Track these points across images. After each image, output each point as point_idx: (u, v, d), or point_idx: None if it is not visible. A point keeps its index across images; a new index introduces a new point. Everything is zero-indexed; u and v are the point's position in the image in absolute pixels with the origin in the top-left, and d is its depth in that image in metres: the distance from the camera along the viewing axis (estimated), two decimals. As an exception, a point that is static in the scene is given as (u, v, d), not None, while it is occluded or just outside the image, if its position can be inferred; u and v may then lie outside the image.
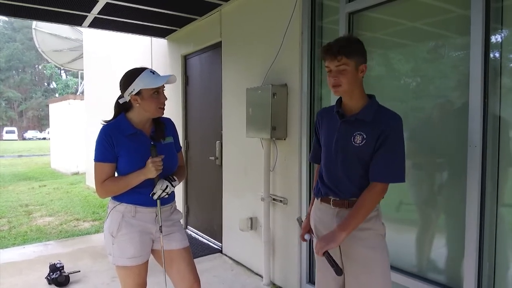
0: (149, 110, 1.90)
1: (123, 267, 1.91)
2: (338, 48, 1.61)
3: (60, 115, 11.99)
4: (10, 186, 9.14)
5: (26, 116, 48.23)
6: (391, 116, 1.67)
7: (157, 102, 1.89)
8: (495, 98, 1.87)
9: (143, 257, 1.93)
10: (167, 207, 2.00)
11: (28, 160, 16.70)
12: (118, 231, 1.89)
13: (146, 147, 1.88)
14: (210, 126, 4.28)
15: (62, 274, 3.25)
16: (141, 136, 1.91)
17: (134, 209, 1.90)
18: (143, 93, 1.86)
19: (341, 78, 1.63)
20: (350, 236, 1.65)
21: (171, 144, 2.04)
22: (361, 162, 1.67)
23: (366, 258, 1.68)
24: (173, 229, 2.02)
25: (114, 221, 1.90)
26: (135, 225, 1.90)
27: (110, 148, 1.85)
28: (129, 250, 1.88)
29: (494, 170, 1.87)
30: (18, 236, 4.94)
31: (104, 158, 1.86)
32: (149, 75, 1.87)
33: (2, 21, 46.95)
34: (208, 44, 4.16)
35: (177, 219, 2.07)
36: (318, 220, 1.84)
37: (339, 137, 1.72)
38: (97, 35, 7.79)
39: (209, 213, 4.41)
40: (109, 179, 1.87)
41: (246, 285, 3.30)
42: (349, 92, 1.68)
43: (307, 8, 2.86)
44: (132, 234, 1.89)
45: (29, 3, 3.56)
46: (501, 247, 1.88)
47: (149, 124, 1.97)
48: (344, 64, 1.61)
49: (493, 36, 1.87)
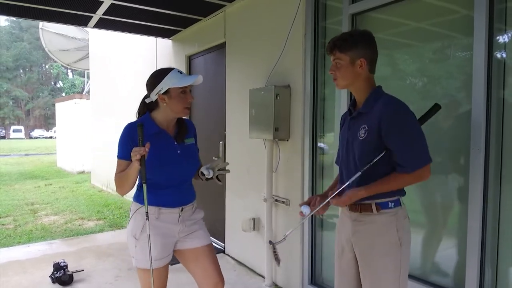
0: (175, 109, 1.91)
1: (144, 270, 1.90)
2: (332, 44, 1.66)
3: (67, 114, 12.08)
4: (16, 185, 9.22)
5: (33, 115, 48.61)
6: (388, 101, 1.61)
7: (184, 102, 1.90)
8: (498, 100, 1.85)
9: (165, 260, 1.93)
10: (189, 206, 2.01)
11: (35, 158, 16.83)
12: (141, 233, 1.88)
13: (170, 147, 1.89)
14: (213, 126, 4.29)
15: (66, 273, 3.28)
16: (165, 136, 1.92)
17: (158, 211, 1.90)
18: (171, 92, 1.87)
19: (336, 72, 1.67)
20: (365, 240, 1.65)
21: (193, 145, 2.05)
22: (372, 155, 1.60)
23: (376, 265, 1.64)
24: (195, 227, 2.03)
25: (138, 223, 1.89)
26: (158, 227, 1.90)
27: (131, 146, 1.82)
28: (153, 253, 1.86)
29: (497, 173, 1.86)
30: (23, 234, 4.99)
31: (123, 156, 1.87)
32: (177, 75, 1.89)
33: (10, 21, 47.34)
34: (212, 44, 4.17)
35: (199, 218, 2.08)
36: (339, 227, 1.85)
37: (349, 135, 1.71)
38: (103, 35, 7.84)
39: (212, 213, 4.41)
40: (118, 174, 1.88)
41: (248, 285, 3.30)
42: (350, 86, 1.69)
43: (311, 9, 2.86)
44: (155, 237, 1.87)
45: (36, 4, 3.59)
46: (504, 250, 1.86)
47: (173, 124, 1.98)
48: (338, 58, 1.65)
49: (496, 37, 1.85)
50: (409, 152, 1.56)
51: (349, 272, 1.78)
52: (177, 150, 1.94)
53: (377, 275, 1.64)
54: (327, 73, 2.86)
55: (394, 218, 1.64)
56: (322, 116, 2.92)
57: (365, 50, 1.65)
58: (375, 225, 1.65)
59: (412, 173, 1.57)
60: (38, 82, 48.53)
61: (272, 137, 3.01)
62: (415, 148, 1.56)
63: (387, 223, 1.64)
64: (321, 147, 2.94)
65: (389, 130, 1.56)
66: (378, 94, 1.67)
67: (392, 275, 1.63)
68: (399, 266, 1.63)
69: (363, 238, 1.67)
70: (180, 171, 1.95)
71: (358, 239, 1.69)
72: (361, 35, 1.67)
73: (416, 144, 1.56)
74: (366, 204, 1.65)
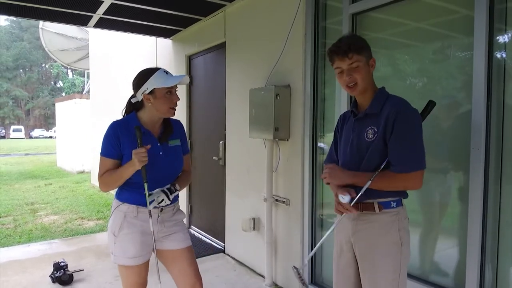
0: (161, 110, 1.91)
1: (124, 266, 1.93)
2: (348, 46, 1.60)
3: (66, 114, 12.08)
4: (16, 184, 9.22)
5: (33, 114, 48.60)
6: (396, 102, 1.62)
7: (169, 102, 1.90)
8: (498, 100, 1.85)
9: (144, 257, 1.94)
10: (170, 207, 2.01)
11: (35, 158, 16.82)
12: (120, 230, 1.91)
13: (153, 147, 1.88)
14: (213, 126, 4.29)
15: (66, 273, 3.28)
16: (149, 136, 1.92)
17: (136, 209, 1.91)
18: (156, 92, 1.87)
19: (355, 75, 1.62)
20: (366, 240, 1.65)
21: (178, 147, 2.03)
22: (380, 157, 1.61)
23: (377, 265, 1.64)
24: (175, 229, 2.03)
25: (117, 221, 1.92)
26: (137, 225, 1.92)
27: (116, 144, 1.87)
28: (130, 250, 1.90)
29: (497, 173, 1.86)
30: (23, 234, 4.99)
31: (107, 153, 1.89)
32: (162, 75, 1.89)
33: (10, 21, 47.34)
34: (213, 44, 4.17)
35: (179, 219, 2.08)
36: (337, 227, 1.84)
37: (354, 137, 1.70)
38: (103, 35, 7.83)
39: (212, 213, 4.42)
40: (107, 172, 1.89)
41: (248, 285, 3.30)
42: (365, 89, 1.66)
43: (311, 9, 2.85)
44: (134, 234, 1.90)
45: (36, 4, 3.59)
46: (504, 250, 1.86)
47: (159, 125, 1.98)
48: (357, 61, 1.60)
49: (497, 37, 1.85)
50: (408, 153, 1.57)
51: (347, 272, 1.78)
52: (159, 151, 1.93)
53: (378, 275, 1.64)
54: (327, 73, 2.86)
55: (396, 218, 1.64)
56: (322, 116, 2.92)
57: (370, 50, 1.67)
58: (376, 224, 1.65)
59: (405, 174, 1.57)
60: (38, 82, 48.52)
61: (272, 137, 3.01)
62: (415, 151, 1.57)
63: (389, 223, 1.64)
64: (321, 147, 2.94)
65: (394, 128, 1.56)
66: (384, 95, 1.67)
67: (392, 275, 1.63)
68: (399, 266, 1.63)
69: (364, 237, 1.67)
70: (161, 173, 1.93)
71: (358, 239, 1.69)
72: (362, 37, 1.69)
73: (417, 148, 1.57)
74: (368, 203, 1.65)
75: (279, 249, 3.24)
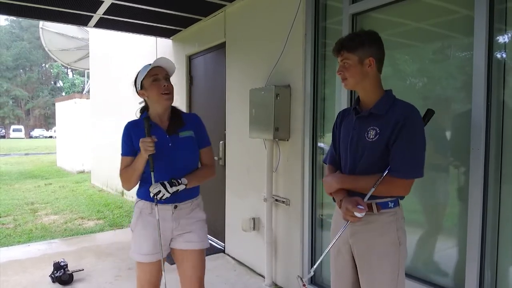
0: (154, 99, 1.93)
1: (137, 263, 1.95)
2: (340, 45, 1.67)
3: (67, 114, 12.08)
4: (16, 184, 9.22)
5: (33, 114, 48.60)
6: (405, 107, 1.63)
7: (158, 88, 1.91)
8: (498, 100, 1.85)
9: (157, 256, 1.92)
10: (186, 204, 1.96)
11: (35, 158, 16.82)
12: (136, 226, 1.95)
13: (161, 139, 1.88)
14: (213, 126, 4.28)
15: (66, 273, 3.28)
16: (157, 128, 1.93)
17: (151, 206, 1.91)
18: (144, 85, 1.92)
19: (345, 72, 1.67)
20: (365, 241, 1.65)
21: (190, 138, 1.98)
22: (378, 158, 1.61)
23: (376, 266, 1.64)
24: (191, 228, 1.97)
25: (134, 217, 1.98)
26: (151, 222, 1.91)
27: (129, 142, 1.93)
28: (143, 247, 1.91)
29: (497, 173, 1.86)
30: (23, 234, 4.99)
31: (123, 152, 1.96)
32: (144, 67, 1.95)
33: (10, 20, 47.36)
34: (213, 44, 4.17)
35: (198, 218, 2.01)
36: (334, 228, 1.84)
37: (354, 134, 1.70)
38: (103, 34, 7.84)
39: (212, 213, 4.41)
40: (124, 169, 1.94)
41: (248, 285, 3.30)
42: (359, 86, 1.68)
43: (311, 9, 2.86)
44: (147, 231, 1.91)
45: (36, 4, 3.59)
46: (504, 250, 1.87)
47: (166, 117, 1.99)
48: (346, 58, 1.66)
49: (496, 37, 1.85)
50: (409, 159, 1.58)
51: (345, 273, 1.78)
52: (168, 142, 1.92)
53: (376, 275, 1.65)
54: (327, 73, 2.86)
55: (394, 218, 1.65)
56: (322, 116, 2.92)
57: (373, 49, 1.66)
58: (374, 224, 1.64)
59: (401, 180, 1.58)
60: (38, 81, 48.53)
61: (272, 137, 3.01)
62: (416, 158, 1.58)
63: (387, 223, 1.64)
64: (321, 147, 2.94)
65: (401, 133, 1.56)
66: (391, 99, 1.67)
67: (391, 275, 1.63)
68: (397, 266, 1.64)
69: (363, 238, 1.67)
70: (172, 164, 1.90)
71: (357, 240, 1.69)
72: (368, 35, 1.69)
73: (418, 156, 1.59)
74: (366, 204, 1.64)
75: (279, 249, 3.25)
